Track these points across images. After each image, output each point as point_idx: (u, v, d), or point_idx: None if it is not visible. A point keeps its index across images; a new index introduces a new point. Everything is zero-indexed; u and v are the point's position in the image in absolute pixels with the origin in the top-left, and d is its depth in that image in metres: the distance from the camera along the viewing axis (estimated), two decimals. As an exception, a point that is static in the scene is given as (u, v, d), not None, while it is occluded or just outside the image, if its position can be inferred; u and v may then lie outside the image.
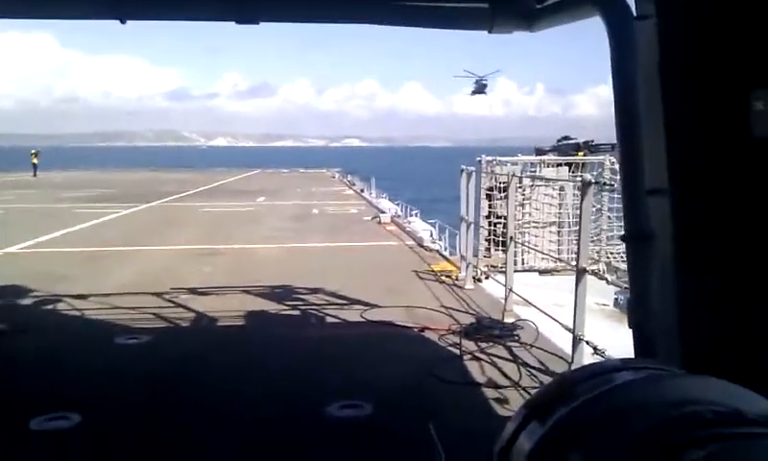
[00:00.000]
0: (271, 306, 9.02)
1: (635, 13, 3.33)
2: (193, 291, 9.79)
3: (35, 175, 48.78)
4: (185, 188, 35.57)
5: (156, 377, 6.22)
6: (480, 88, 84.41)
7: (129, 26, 5.36)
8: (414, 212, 21.62)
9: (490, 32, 5.13)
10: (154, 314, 8.49)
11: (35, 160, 50.35)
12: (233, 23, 5.13)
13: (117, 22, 5.21)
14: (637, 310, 3.61)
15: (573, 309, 6.19)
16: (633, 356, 3.57)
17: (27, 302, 9.30)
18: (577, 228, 6.97)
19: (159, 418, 5.28)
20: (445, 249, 14.62)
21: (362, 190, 34.48)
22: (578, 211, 6.80)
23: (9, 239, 15.00)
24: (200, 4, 5.27)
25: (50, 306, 9.05)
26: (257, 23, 5.15)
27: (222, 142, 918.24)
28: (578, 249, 6.27)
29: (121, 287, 10.04)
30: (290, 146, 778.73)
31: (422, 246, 14.32)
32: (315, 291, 9.76)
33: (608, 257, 11.07)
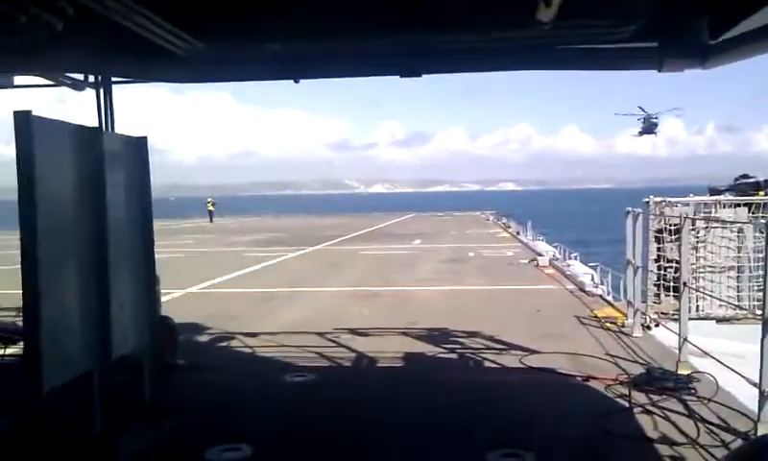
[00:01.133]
0: (428, 349, 9.08)
1: None
2: (353, 332, 10.11)
3: (211, 220, 53.35)
4: (346, 232, 37.05)
5: (319, 414, 6.47)
6: (649, 128, 78.60)
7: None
8: (573, 255, 20.88)
9: (659, 70, 4.93)
10: (318, 353, 8.86)
11: (210, 208, 55.22)
12: (397, 77, 5.38)
13: (291, 81, 5.66)
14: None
15: (760, 362, 5.62)
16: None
17: (203, 338, 10.09)
18: (759, 273, 6.37)
19: (323, 452, 5.48)
20: (608, 293, 13.95)
21: (517, 233, 33.97)
22: (760, 255, 6.23)
23: (189, 280, 16.44)
24: (367, 61, 5.58)
25: (224, 343, 9.76)
26: (420, 76, 5.35)
27: (380, 189, 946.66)
28: (764, 296, 5.72)
29: (288, 326, 10.63)
30: (446, 191, 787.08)
31: (584, 290, 13.78)
32: (472, 335, 9.70)
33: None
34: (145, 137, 5.83)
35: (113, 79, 6.33)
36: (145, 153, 5.83)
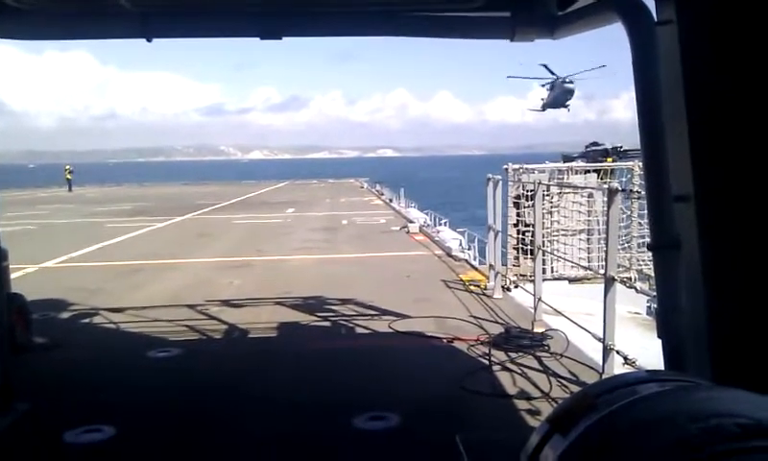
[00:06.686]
0: (301, 317, 9.07)
1: (656, 19, 3.29)
2: (225, 303, 9.89)
3: (69, 190, 49.88)
4: (218, 201, 36.03)
5: (184, 390, 6.29)
6: (561, 97, 54.22)
7: (163, 42, 5.48)
8: (443, 221, 21.55)
9: (511, 40, 5.11)
10: (186, 327, 8.59)
11: (69, 176, 51.57)
12: (257, 39, 5.21)
13: (144, 41, 5.33)
14: (666, 320, 3.55)
15: (603, 318, 6.10)
16: (663, 367, 3.52)
17: (63, 315, 9.49)
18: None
19: (188, 429, 5.34)
20: (475, 258, 14.54)
21: (390, 200, 34.49)
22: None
23: (44, 254, 15.35)
24: (222, 21, 5.36)
25: (85, 320, 9.22)
26: (280, 38, 5.21)
27: (259, 155, 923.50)
28: (606, 257, 6.20)
29: (154, 300, 10.21)
30: (325, 158, 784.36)
31: (451, 255, 14.26)
32: (344, 302, 9.78)
33: (639, 265, 10.88)
34: None
35: None
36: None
